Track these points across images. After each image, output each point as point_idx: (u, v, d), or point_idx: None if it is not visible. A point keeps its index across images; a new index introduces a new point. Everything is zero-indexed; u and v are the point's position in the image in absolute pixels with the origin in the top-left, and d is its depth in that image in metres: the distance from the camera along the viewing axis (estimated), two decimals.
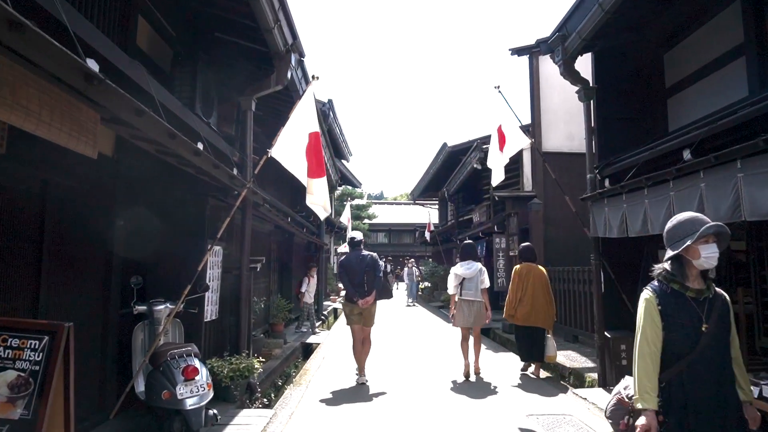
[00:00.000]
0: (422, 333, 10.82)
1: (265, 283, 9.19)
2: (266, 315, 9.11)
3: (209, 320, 5.10)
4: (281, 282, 11.23)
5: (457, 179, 14.72)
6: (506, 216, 10.99)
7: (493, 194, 11.26)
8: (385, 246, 37.69)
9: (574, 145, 11.48)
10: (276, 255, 11.03)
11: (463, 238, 15.89)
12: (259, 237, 8.68)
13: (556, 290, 9.47)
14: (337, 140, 15.44)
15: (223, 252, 5.55)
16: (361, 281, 6.06)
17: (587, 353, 7.73)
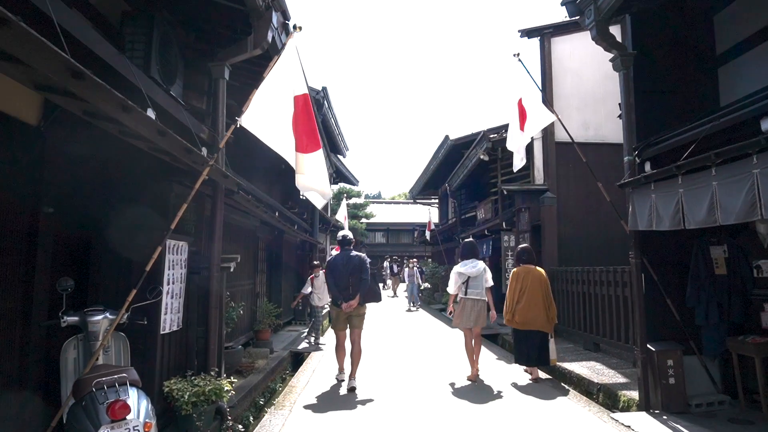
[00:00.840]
0: (426, 343, 9.67)
1: (249, 285, 8.23)
2: (251, 321, 8.15)
3: (168, 332, 4.14)
4: (270, 284, 10.28)
5: (460, 174, 13.80)
6: (516, 211, 10.05)
7: (502, 188, 10.32)
8: (383, 246, 36.75)
9: (590, 134, 10.57)
10: (264, 254, 10.07)
11: (466, 237, 14.94)
12: (242, 233, 7.72)
13: (572, 292, 8.55)
14: (332, 133, 14.49)
15: (189, 249, 4.59)
16: (347, 283, 5.73)
17: (614, 365, 6.79)
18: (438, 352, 8.43)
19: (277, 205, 8.27)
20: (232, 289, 7.17)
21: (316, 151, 4.70)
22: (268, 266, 10.22)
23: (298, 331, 10.70)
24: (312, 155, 4.67)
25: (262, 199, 6.93)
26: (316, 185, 4.78)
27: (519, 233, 9.95)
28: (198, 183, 3.56)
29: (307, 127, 4.55)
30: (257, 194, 6.68)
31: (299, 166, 4.65)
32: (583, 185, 10.40)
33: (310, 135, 4.61)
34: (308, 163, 4.67)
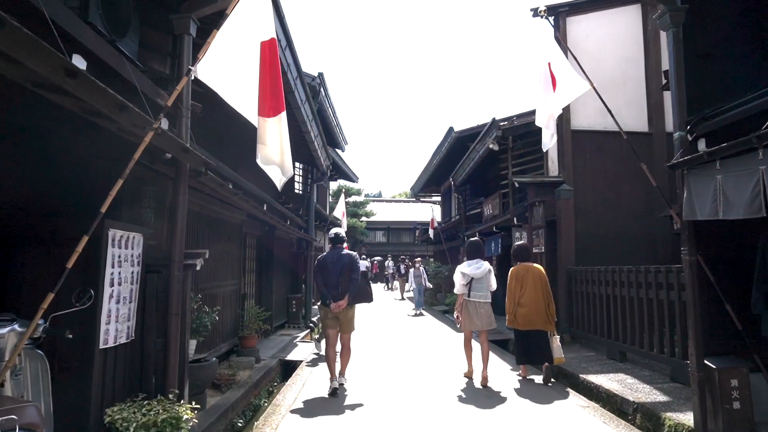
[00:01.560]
0: (432, 352, 8.47)
1: (234, 286, 7.37)
2: (235, 326, 7.30)
3: (112, 345, 3.29)
4: (260, 284, 9.43)
5: (466, 166, 12.95)
6: (529, 206, 9.20)
7: (513, 180, 9.47)
8: (383, 245, 35.90)
9: (608, 122, 9.66)
10: (254, 252, 9.23)
11: (471, 234, 14.13)
12: (225, 228, 6.87)
13: (594, 295, 7.70)
14: (329, 124, 13.63)
15: (145, 242, 3.75)
16: (336, 282, 5.55)
17: (647, 378, 5.93)
18: (446, 365, 7.57)
19: (266, 197, 7.42)
20: (212, 290, 6.32)
21: (280, 115, 3.83)
22: (258, 265, 9.37)
23: (291, 335, 9.86)
24: (275, 120, 3.79)
25: (245, 188, 6.07)
26: (278, 157, 3.91)
27: (532, 229, 9.10)
28: (138, 152, 2.70)
29: (271, 83, 3.66)
30: (239, 182, 5.83)
31: (262, 135, 3.77)
32: (602, 177, 9.55)
33: (275, 94, 3.72)
34: (271, 131, 3.80)
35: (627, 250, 9.22)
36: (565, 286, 8.66)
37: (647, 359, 6.49)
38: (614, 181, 9.54)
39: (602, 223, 9.40)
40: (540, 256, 8.87)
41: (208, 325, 4.84)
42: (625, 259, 8.70)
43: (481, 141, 10.69)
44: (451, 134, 14.84)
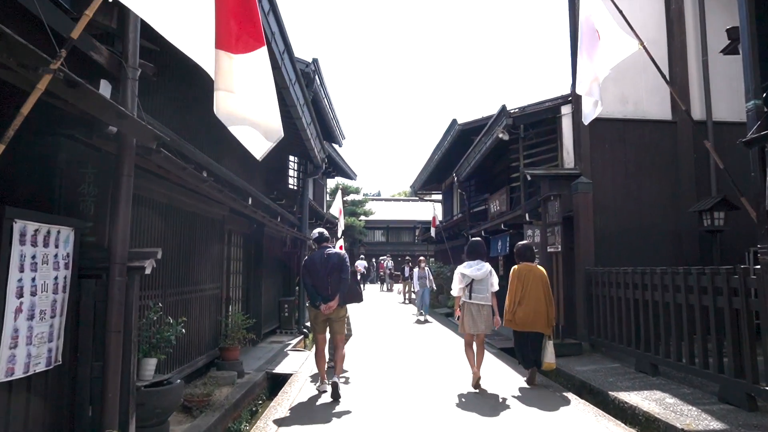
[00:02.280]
0: (443, 369, 6.94)
1: (214, 290, 6.53)
2: (215, 335, 6.46)
3: (21, 377, 2.46)
4: (248, 287, 8.59)
5: (471, 160, 12.12)
6: (542, 201, 8.37)
7: (525, 173, 8.64)
8: (383, 245, 35.08)
9: (628, 109, 8.90)
10: (241, 252, 8.40)
11: (476, 233, 13.31)
12: (202, 224, 6.04)
13: (618, 299, 6.88)
14: (325, 115, 12.79)
15: (78, 239, 2.92)
16: (325, 284, 5.44)
17: (688, 397, 5.11)
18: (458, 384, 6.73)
19: (251, 190, 6.58)
20: (185, 295, 5.48)
21: (257, 51, 2.87)
22: (245, 266, 8.54)
23: (282, 342, 9.02)
24: (247, 58, 2.83)
25: (223, 177, 5.24)
26: (255, 113, 2.98)
27: (547, 226, 8.27)
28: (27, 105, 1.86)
29: (240, 5, 2.70)
30: (213, 169, 5.00)
31: (222, 78, 2.77)
32: (622, 169, 8.74)
33: (246, 18, 2.76)
34: (242, 73, 2.84)
35: (650, 248, 8.42)
36: (583, 288, 7.84)
37: (685, 373, 5.68)
38: (636, 173, 8.73)
39: (622, 219, 8.59)
40: (555, 256, 8.05)
41: (171, 339, 4.00)
42: (648, 258, 7.90)
43: (489, 132, 9.87)
44: (455, 127, 14.02)
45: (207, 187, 4.00)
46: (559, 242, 7.81)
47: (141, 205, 4.35)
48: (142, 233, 4.37)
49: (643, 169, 8.73)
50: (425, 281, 13.51)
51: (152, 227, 4.59)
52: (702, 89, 8.88)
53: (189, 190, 5.05)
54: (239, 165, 8.39)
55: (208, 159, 4.89)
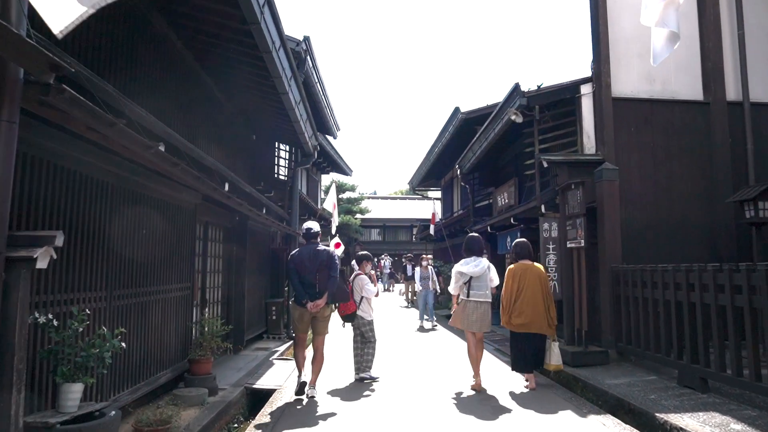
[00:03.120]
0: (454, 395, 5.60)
1: (183, 291, 5.54)
2: (184, 345, 5.47)
3: None
4: (228, 288, 7.62)
5: (476, 150, 11.17)
6: (561, 190, 7.43)
7: (541, 159, 7.69)
8: (379, 243, 34.10)
9: (655, 89, 7.97)
10: (219, 248, 7.42)
11: (481, 229, 12.37)
12: (163, 213, 5.05)
13: (653, 301, 5.95)
14: (318, 102, 11.78)
15: None
16: (313, 281, 5.25)
17: (757, 421, 4.18)
18: None
19: (227, 173, 5.60)
20: (143, 298, 4.50)
21: None
22: (225, 264, 7.56)
23: (268, 349, 8.04)
24: None
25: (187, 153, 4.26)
26: None
27: (566, 218, 7.33)
28: None
29: None
30: (173, 141, 4.02)
31: None
32: (649, 155, 7.81)
33: None
34: None
35: (679, 244, 7.50)
36: (609, 289, 6.90)
37: (745, 390, 4.74)
38: (664, 159, 7.80)
39: (649, 211, 7.66)
40: (577, 252, 7.11)
41: (106, 358, 3.02)
42: (677, 255, 6.98)
43: (499, 115, 8.92)
44: (457, 116, 13.08)
45: (154, 157, 3.01)
46: (582, 236, 6.86)
47: (69, 182, 3.37)
48: (71, 219, 3.38)
49: (672, 156, 7.80)
50: (428, 282, 11.72)
51: (89, 212, 3.61)
52: (737, 67, 7.96)
53: (150, 171, 4.07)
54: (221, 152, 7.44)
55: (166, 128, 3.91)
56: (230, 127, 8.01)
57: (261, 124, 9.17)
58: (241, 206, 5.18)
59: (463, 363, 6.45)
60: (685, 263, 5.55)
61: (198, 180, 3.80)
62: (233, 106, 7.95)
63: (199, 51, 6.09)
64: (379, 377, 6.23)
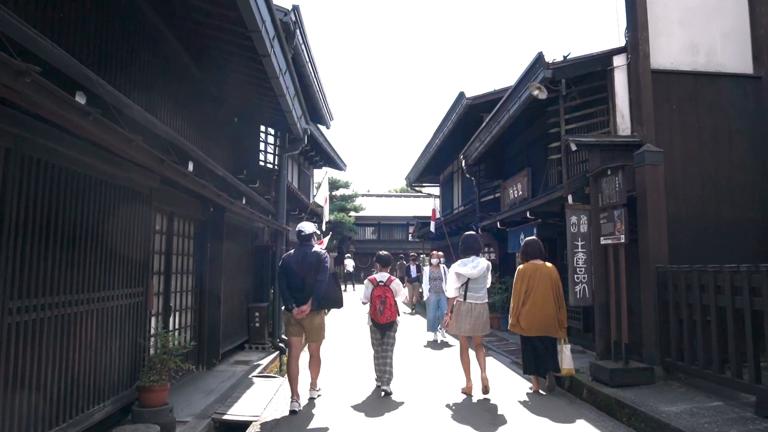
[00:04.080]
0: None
1: (133, 299, 4.35)
2: (133, 367, 4.29)
3: None
4: (201, 292, 6.45)
5: (484, 138, 10.06)
6: (593, 177, 6.34)
7: (569, 141, 6.57)
8: (373, 242, 32.96)
9: (699, 61, 6.88)
10: (189, 245, 6.26)
11: (489, 225, 11.28)
12: (102, 196, 3.88)
13: (719, 310, 4.86)
14: (309, 86, 10.59)
15: None
16: (300, 285, 4.98)
17: None
18: None
19: (193, 149, 4.43)
20: (70, 309, 3.32)
21: None
22: (197, 264, 6.39)
23: (249, 363, 6.89)
24: None
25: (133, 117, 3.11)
26: None
27: (600, 210, 6.23)
28: None
29: None
30: (119, 104, 2.87)
31: None
32: (694, 137, 6.74)
33: None
34: None
35: (729, 241, 6.43)
36: (653, 294, 5.81)
37: None
38: (710, 142, 6.73)
39: (693, 203, 6.59)
40: (614, 250, 6.02)
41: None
42: (728, 253, 5.90)
43: (514, 95, 7.80)
44: (462, 102, 11.93)
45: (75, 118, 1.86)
46: (622, 230, 5.76)
47: None
48: None
49: (720, 138, 6.73)
50: (440, 284, 9.24)
51: None
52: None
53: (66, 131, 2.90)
54: (195, 134, 6.29)
55: (93, 76, 2.74)
56: (204, 105, 6.84)
57: (243, 103, 8.01)
58: (204, 188, 4.01)
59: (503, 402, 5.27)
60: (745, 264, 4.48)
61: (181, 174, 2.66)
62: (208, 78, 6.78)
63: None
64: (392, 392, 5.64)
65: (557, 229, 8.40)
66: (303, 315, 4.91)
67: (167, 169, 3.24)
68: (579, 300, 6.56)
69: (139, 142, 2.87)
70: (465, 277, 5.44)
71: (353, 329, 10.63)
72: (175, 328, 5.66)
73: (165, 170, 3.15)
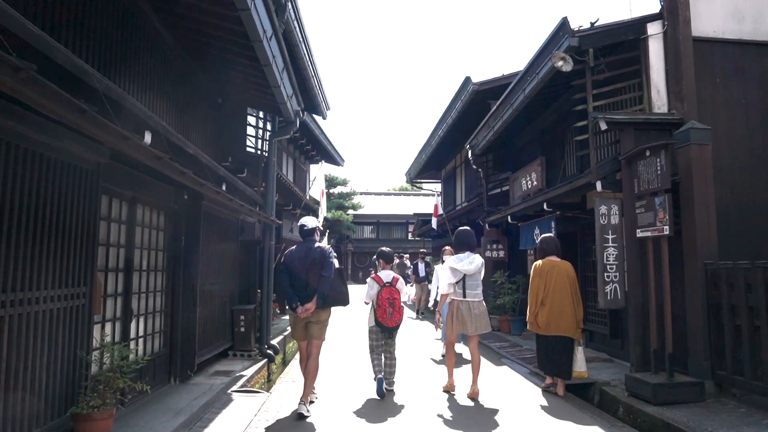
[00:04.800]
0: None
1: (77, 301, 3.47)
2: (71, 388, 3.41)
3: None
4: (172, 292, 5.57)
5: (493, 125, 9.20)
6: (627, 160, 5.48)
7: (597, 118, 5.70)
8: (372, 241, 32.09)
9: (745, 29, 6.02)
10: (158, 238, 5.40)
11: (497, 221, 10.43)
12: (24, 170, 3.00)
13: None
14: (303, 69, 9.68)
15: None
16: (304, 282, 4.73)
17: None
18: None
19: (145, 114, 3.55)
20: None
21: None
22: (168, 260, 5.52)
23: (230, 374, 6.01)
24: None
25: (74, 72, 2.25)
26: None
27: (637, 197, 5.37)
28: None
29: None
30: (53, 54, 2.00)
31: None
32: (742, 115, 5.90)
33: None
34: None
35: None
36: (701, 294, 4.96)
37: None
38: (761, 122, 5.89)
39: (742, 189, 5.74)
40: (653, 244, 5.16)
41: None
42: None
43: (532, 70, 6.92)
44: (468, 88, 11.08)
45: None
46: (665, 220, 4.90)
47: None
48: None
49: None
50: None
51: None
52: None
53: None
54: (175, 117, 5.44)
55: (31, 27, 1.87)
56: (183, 81, 5.97)
57: (226, 79, 7.14)
58: (162, 163, 3.12)
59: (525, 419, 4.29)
60: None
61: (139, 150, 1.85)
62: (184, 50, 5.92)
63: None
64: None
65: (578, 222, 7.55)
66: (308, 314, 4.66)
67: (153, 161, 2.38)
68: (610, 302, 5.70)
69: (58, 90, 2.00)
70: (461, 274, 5.23)
71: (349, 330, 9.76)
72: (138, 336, 4.79)
73: (88, 125, 2.27)
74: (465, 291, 5.23)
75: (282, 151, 16.31)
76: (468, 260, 5.26)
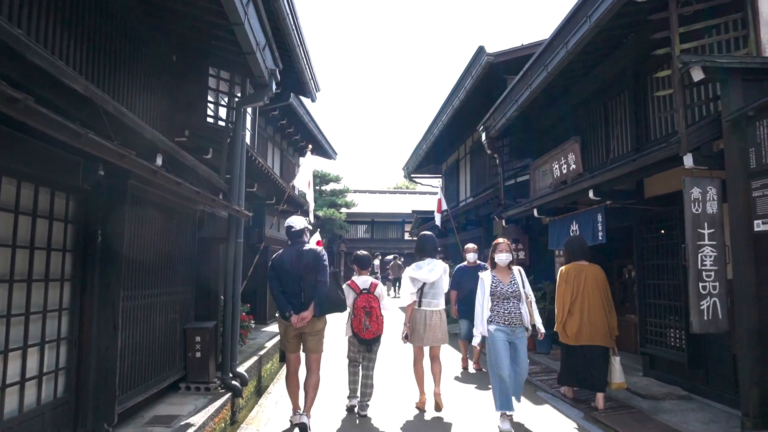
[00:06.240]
0: None
1: None
2: None
3: None
4: (82, 313, 3.84)
5: (517, 97, 7.55)
6: (731, 124, 3.83)
7: (690, 64, 4.04)
8: (366, 241, 30.37)
9: None
10: (62, 232, 3.67)
11: (517, 217, 8.79)
12: None
13: None
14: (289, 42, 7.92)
15: None
16: (297, 289, 4.48)
17: None
18: None
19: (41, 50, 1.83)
20: None
21: None
22: (77, 264, 3.80)
23: (173, 422, 4.28)
24: None
25: None
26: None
27: (753, 176, 3.73)
28: None
29: None
30: None
31: None
32: None
33: None
34: None
35: None
36: None
37: None
38: None
39: None
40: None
41: None
42: None
43: (581, 13, 5.27)
44: (481, 60, 9.43)
45: None
46: None
47: None
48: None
49: None
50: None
51: None
52: None
53: None
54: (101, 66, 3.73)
55: None
56: (117, 25, 4.25)
57: (181, 32, 5.43)
58: (31, 113, 1.42)
59: None
60: None
61: None
62: None
63: None
64: None
65: (634, 215, 5.91)
66: (304, 323, 4.42)
67: None
68: (707, 324, 4.05)
69: None
70: (420, 282, 5.05)
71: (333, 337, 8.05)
72: (23, 379, 3.08)
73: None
74: (421, 300, 5.05)
75: (267, 140, 14.55)
76: (428, 267, 5.05)
